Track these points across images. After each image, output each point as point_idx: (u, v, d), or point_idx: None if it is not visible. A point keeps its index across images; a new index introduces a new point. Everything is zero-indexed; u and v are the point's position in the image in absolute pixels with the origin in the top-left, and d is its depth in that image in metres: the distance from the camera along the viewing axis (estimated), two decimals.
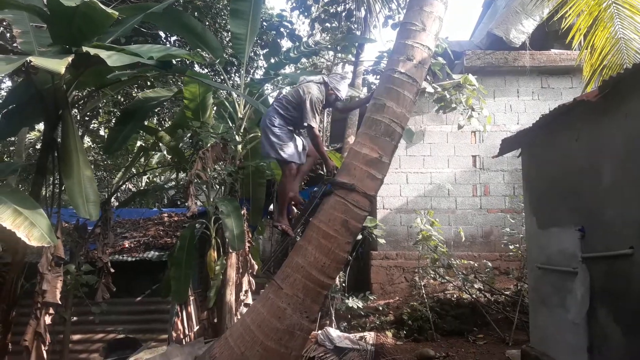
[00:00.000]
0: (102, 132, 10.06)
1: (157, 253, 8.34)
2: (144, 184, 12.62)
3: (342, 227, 4.08)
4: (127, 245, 8.48)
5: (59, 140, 5.37)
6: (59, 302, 5.13)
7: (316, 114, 4.54)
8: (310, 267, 4.05)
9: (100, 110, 8.67)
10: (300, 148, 4.67)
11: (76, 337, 8.00)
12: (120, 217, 10.30)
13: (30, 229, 4.31)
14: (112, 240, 6.87)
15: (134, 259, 8.16)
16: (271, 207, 8.99)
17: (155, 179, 12.78)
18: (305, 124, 4.50)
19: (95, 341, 8.00)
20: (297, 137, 4.70)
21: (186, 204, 5.58)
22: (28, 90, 5.10)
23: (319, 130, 4.65)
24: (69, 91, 5.24)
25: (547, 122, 4.36)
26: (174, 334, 8.70)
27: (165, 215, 10.20)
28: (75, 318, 7.85)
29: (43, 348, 5.07)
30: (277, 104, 4.68)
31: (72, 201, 5.06)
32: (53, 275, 5.11)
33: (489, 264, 7.82)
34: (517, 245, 7.37)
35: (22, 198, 4.62)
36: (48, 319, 5.15)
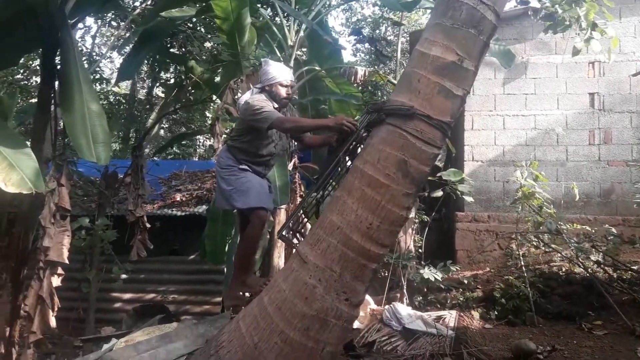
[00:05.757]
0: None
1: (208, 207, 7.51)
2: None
3: (398, 170, 2.71)
4: (178, 199, 7.72)
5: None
6: (66, 261, 4.35)
7: (270, 111, 3.38)
8: (351, 228, 2.76)
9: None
10: (265, 188, 3.66)
11: (126, 296, 7.48)
12: (181, 170, 9.69)
13: (8, 172, 3.51)
14: (148, 192, 6.05)
15: (183, 214, 7.37)
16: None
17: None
18: (265, 126, 3.34)
19: (144, 301, 7.41)
20: (255, 177, 3.62)
21: (211, 143, 4.52)
22: (17, 5, 4.20)
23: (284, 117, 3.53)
24: (66, 6, 4.29)
25: None
26: None
27: None
28: (124, 276, 7.33)
29: (50, 314, 4.35)
30: (228, 142, 3.86)
31: (74, 141, 4.19)
32: (57, 229, 4.34)
33: (613, 229, 6.04)
34: None
35: (6, 135, 3.83)
36: (57, 280, 4.42)
